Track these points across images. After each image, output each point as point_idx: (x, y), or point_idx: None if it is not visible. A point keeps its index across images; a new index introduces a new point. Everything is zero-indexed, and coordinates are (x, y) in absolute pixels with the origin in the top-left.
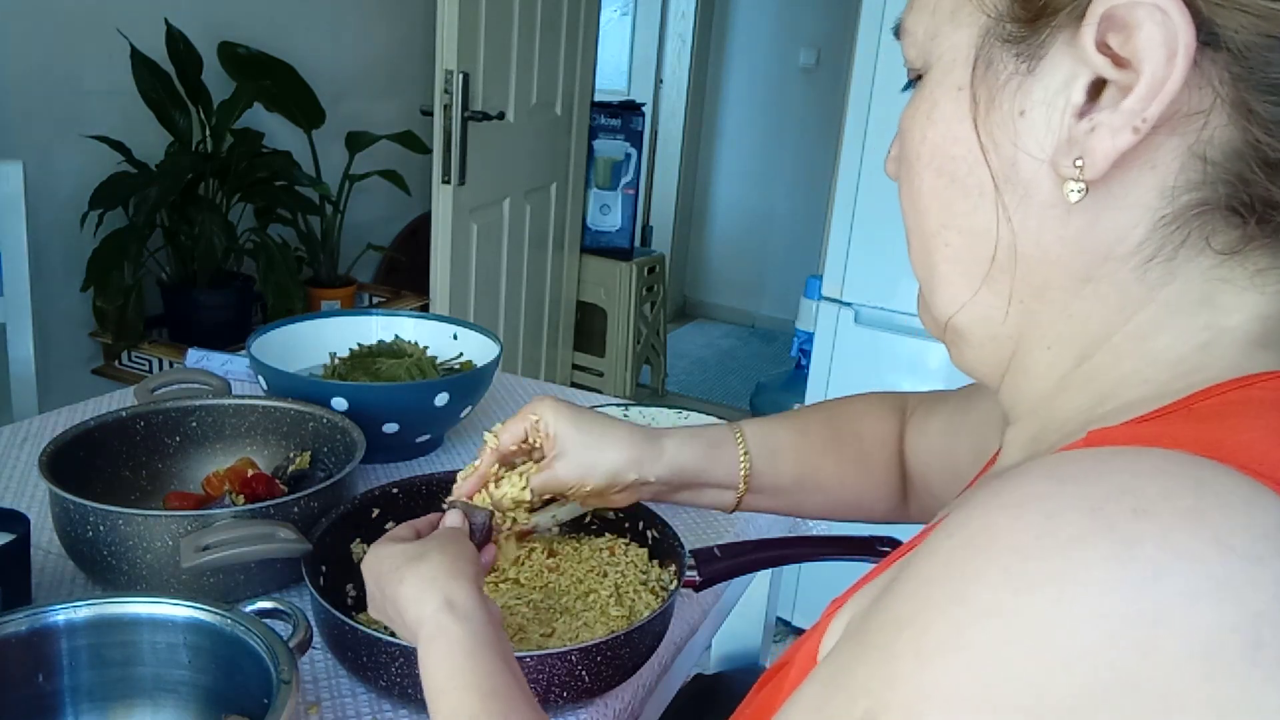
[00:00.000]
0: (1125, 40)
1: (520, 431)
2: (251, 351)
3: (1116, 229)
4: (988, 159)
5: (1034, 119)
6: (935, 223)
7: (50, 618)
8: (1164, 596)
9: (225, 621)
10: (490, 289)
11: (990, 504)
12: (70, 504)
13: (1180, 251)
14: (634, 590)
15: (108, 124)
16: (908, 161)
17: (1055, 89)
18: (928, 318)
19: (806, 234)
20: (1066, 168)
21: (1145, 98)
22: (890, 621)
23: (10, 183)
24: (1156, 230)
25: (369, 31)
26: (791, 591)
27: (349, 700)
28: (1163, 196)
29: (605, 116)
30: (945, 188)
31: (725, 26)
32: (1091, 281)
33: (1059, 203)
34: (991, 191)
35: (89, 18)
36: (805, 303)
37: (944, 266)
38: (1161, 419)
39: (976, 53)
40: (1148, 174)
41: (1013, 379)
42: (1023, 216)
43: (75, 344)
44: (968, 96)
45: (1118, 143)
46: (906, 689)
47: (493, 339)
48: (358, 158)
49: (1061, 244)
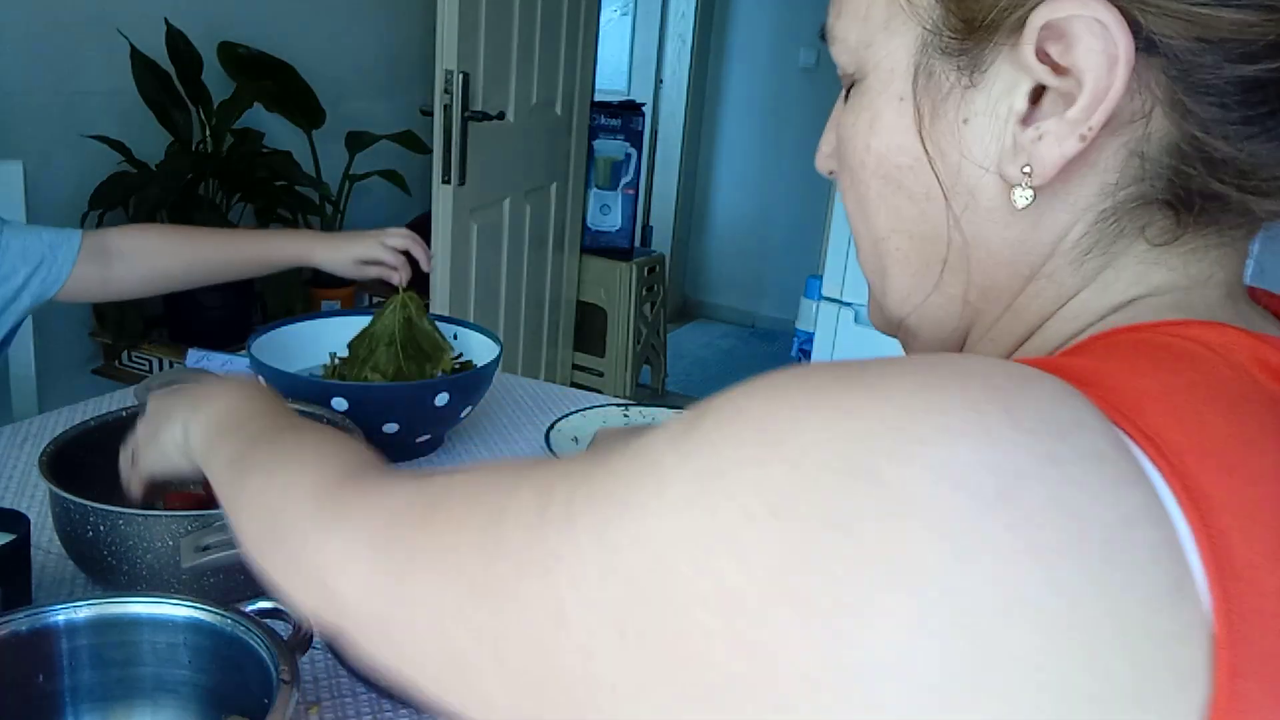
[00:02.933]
0: (1065, 50)
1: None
2: (251, 351)
3: (1058, 227)
4: (934, 167)
5: (977, 127)
6: (884, 227)
7: (50, 618)
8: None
9: (225, 621)
10: (490, 289)
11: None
12: (70, 504)
13: (1117, 242)
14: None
15: (108, 124)
16: (851, 168)
17: (997, 97)
18: (879, 317)
19: (806, 234)
20: (1013, 174)
21: (1089, 107)
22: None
23: (10, 183)
24: (1095, 226)
25: (369, 31)
26: None
27: (349, 700)
28: (1103, 193)
29: (605, 116)
30: (892, 194)
31: (725, 26)
32: (1034, 278)
33: (1004, 206)
34: (939, 198)
35: (89, 18)
36: (805, 303)
37: (895, 270)
38: (1058, 358)
39: (916, 64)
40: (1089, 174)
41: None
42: (970, 221)
43: (75, 344)
44: (910, 107)
45: (1064, 149)
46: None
47: (493, 339)
48: (358, 158)
49: (1008, 246)
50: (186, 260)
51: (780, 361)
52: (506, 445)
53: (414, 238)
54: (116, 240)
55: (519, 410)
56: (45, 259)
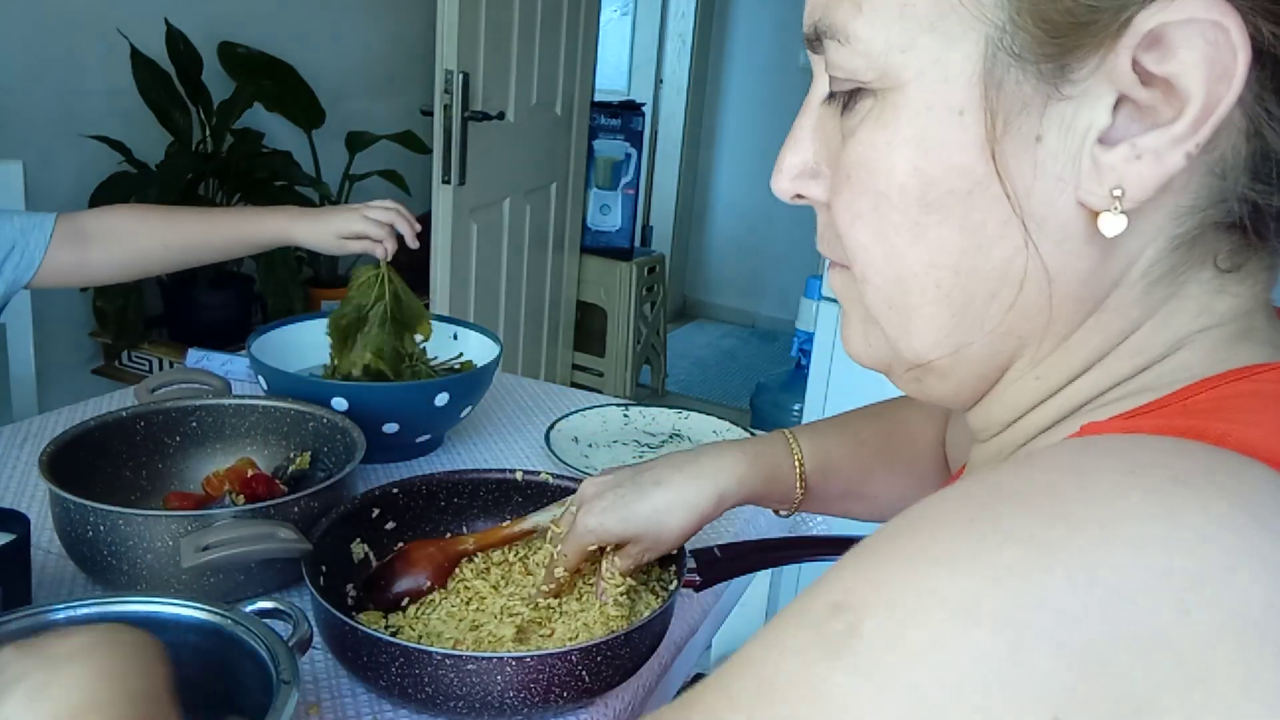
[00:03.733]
0: (1162, 57)
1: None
2: (251, 351)
3: (1129, 255)
4: (1006, 190)
5: (1052, 145)
6: (920, 262)
7: (50, 618)
8: (1205, 561)
9: (225, 621)
10: (490, 289)
11: (1005, 469)
12: (70, 504)
13: (1187, 270)
14: (634, 590)
15: (108, 124)
16: (873, 192)
17: (1077, 111)
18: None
19: (806, 234)
20: (1098, 198)
21: (1197, 120)
22: (887, 533)
23: (10, 183)
24: (1169, 254)
25: (369, 31)
26: (791, 591)
27: (349, 700)
28: (1175, 218)
29: (605, 116)
30: (938, 224)
31: (725, 26)
32: (1097, 311)
33: (1079, 235)
34: (1003, 227)
35: (89, 18)
36: (805, 303)
37: (929, 309)
38: (1155, 413)
39: (983, 71)
40: (1166, 197)
41: (986, 404)
42: (1038, 251)
43: (75, 344)
44: (975, 122)
45: (1167, 168)
46: (892, 588)
47: (493, 339)
48: (358, 158)
49: (1078, 279)
50: (164, 241)
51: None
52: (506, 445)
53: (398, 209)
54: (92, 223)
55: (519, 410)
56: (17, 244)
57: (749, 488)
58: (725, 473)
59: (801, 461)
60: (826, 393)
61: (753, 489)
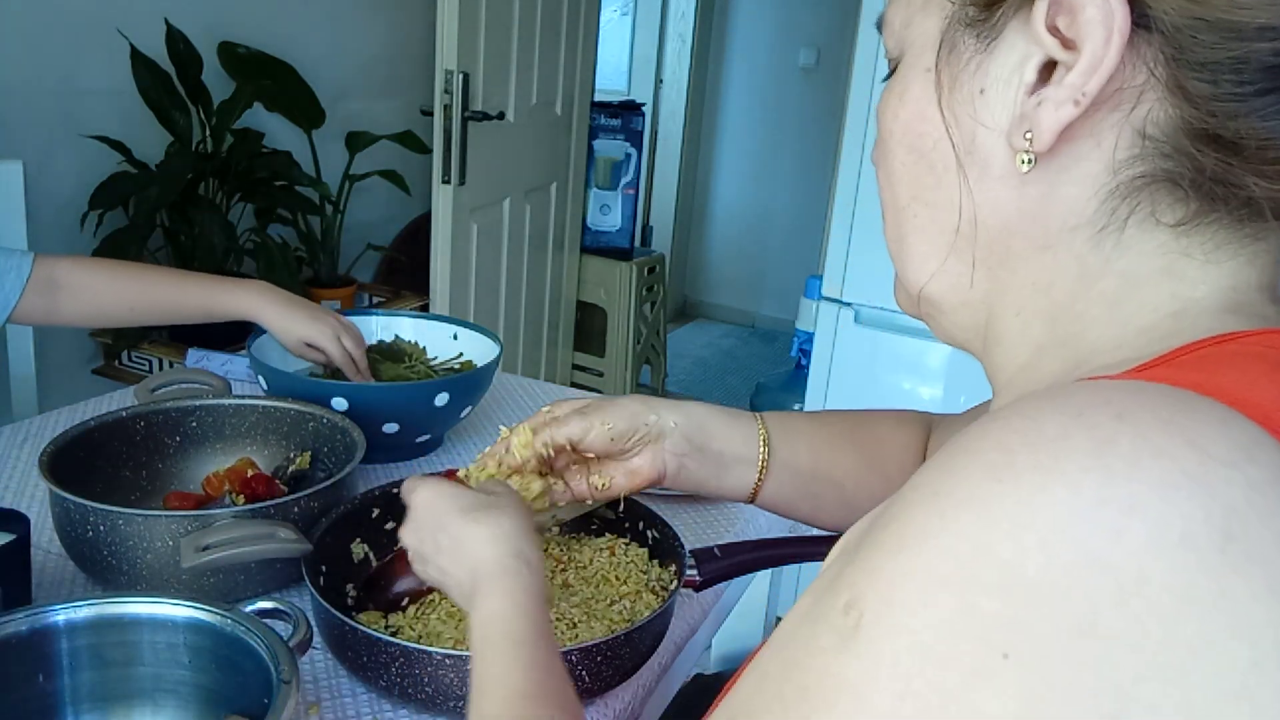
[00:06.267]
0: (1071, 22)
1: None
2: (251, 351)
3: (1068, 200)
4: (951, 135)
5: (991, 97)
6: (905, 196)
7: (50, 618)
8: (1137, 487)
9: (225, 621)
10: (490, 289)
11: (981, 422)
12: (70, 504)
13: (1129, 224)
14: (634, 590)
15: (108, 124)
16: (882, 140)
17: (1011, 68)
18: (902, 294)
19: (806, 234)
20: (1018, 141)
21: (1085, 73)
22: (878, 527)
23: (10, 183)
24: (1105, 203)
25: (369, 31)
26: (791, 591)
27: (349, 700)
28: (1108, 170)
29: (605, 116)
30: (914, 163)
31: (725, 26)
32: (1050, 250)
33: (1013, 174)
34: (954, 166)
35: (89, 18)
36: (805, 303)
37: (913, 238)
38: (1144, 371)
39: (942, 37)
40: (1093, 148)
41: (990, 349)
42: (982, 188)
43: (75, 344)
44: (934, 78)
45: (1060, 115)
46: (884, 577)
47: (493, 339)
48: (358, 158)
49: (1019, 214)
50: (130, 303)
51: (780, 361)
52: None
53: (362, 350)
54: (65, 273)
55: (519, 410)
56: None
57: (705, 409)
58: (685, 403)
59: (760, 418)
60: (826, 393)
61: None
